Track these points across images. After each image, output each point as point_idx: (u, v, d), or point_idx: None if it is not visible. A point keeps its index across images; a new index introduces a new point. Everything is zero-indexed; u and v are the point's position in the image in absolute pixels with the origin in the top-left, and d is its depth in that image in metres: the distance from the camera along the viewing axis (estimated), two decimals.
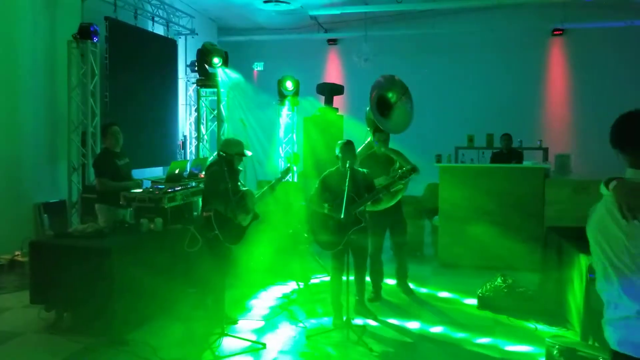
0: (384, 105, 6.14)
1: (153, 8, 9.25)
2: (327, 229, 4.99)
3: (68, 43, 7.37)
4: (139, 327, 4.90)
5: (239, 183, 4.99)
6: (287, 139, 9.83)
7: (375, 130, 5.89)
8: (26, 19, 7.13)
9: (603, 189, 2.04)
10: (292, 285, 6.44)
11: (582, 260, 4.49)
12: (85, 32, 7.29)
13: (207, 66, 6.81)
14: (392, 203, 5.71)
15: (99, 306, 4.65)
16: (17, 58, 7.00)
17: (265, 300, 5.95)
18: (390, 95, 6.20)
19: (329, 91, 9.99)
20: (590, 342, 4.34)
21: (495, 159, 8.91)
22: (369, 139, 6.09)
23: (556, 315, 5.19)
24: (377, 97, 6.01)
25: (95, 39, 7.44)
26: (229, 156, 4.87)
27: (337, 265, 5.09)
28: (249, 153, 5.06)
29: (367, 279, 5.61)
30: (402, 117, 6.13)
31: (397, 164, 5.63)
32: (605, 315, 2.06)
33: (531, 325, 5.12)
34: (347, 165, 4.91)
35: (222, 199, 4.73)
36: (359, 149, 6.08)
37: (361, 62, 11.49)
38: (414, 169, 5.26)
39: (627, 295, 1.91)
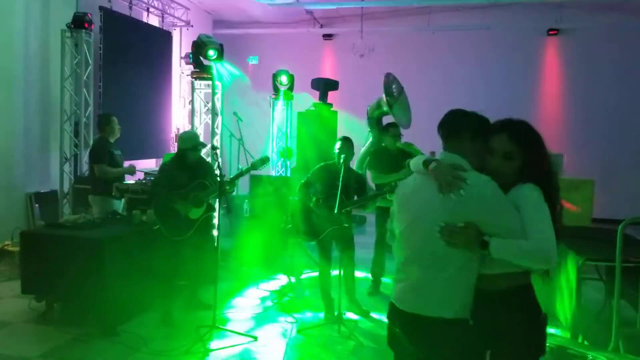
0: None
1: None
2: (309, 220, 5.02)
3: (62, 32, 7.30)
4: (130, 319, 4.88)
5: (201, 179, 4.94)
6: (281, 134, 9.82)
7: (390, 126, 5.91)
8: (19, 8, 7.05)
9: (416, 167, 2.37)
10: (283, 280, 6.44)
11: (572, 259, 4.51)
12: (79, 22, 7.22)
13: (202, 58, 6.77)
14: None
15: (89, 297, 4.64)
16: (10, 47, 6.92)
17: (256, 293, 5.94)
18: (388, 99, 6.26)
19: (324, 86, 9.99)
20: (580, 341, 4.37)
21: None
22: (371, 138, 6.11)
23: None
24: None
25: (89, 29, 7.37)
26: (181, 151, 4.98)
27: (323, 258, 5.11)
28: (204, 146, 5.17)
29: (364, 274, 5.61)
30: (405, 112, 6.16)
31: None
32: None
33: None
34: (342, 160, 4.90)
35: (163, 192, 4.83)
36: (363, 149, 6.09)
37: (356, 57, 11.48)
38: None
39: None
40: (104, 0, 7.93)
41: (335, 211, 4.57)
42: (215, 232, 6.60)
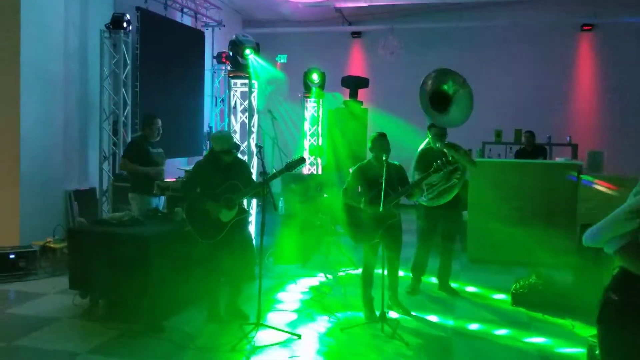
0: (441, 99, 5.93)
1: None
2: (360, 222, 4.96)
3: (100, 33, 7.40)
4: (174, 315, 4.93)
5: (234, 180, 4.75)
6: (312, 132, 9.81)
7: (430, 125, 5.80)
8: (59, 9, 7.16)
9: None
10: (320, 278, 6.43)
11: None
12: (117, 22, 7.32)
13: (238, 57, 6.79)
14: (449, 199, 5.61)
15: (135, 293, 4.68)
16: (50, 48, 7.02)
17: (294, 292, 5.94)
18: (445, 87, 5.97)
19: (354, 84, 9.96)
20: None
21: (519, 155, 8.86)
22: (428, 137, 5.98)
23: (593, 315, 5.10)
24: (431, 91, 5.86)
25: (127, 29, 7.45)
26: (215, 153, 4.81)
27: (369, 258, 5.07)
28: (239, 149, 4.99)
29: (401, 273, 5.55)
30: (461, 110, 5.92)
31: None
32: None
33: (568, 323, 5.06)
34: (384, 158, 4.88)
35: (194, 193, 4.75)
36: (420, 147, 5.94)
37: (387, 55, 11.43)
38: (448, 163, 5.16)
39: None
40: (140, 1, 8.01)
41: (381, 208, 4.55)
42: (252, 231, 6.66)
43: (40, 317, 4.94)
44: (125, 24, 7.37)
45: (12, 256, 6.12)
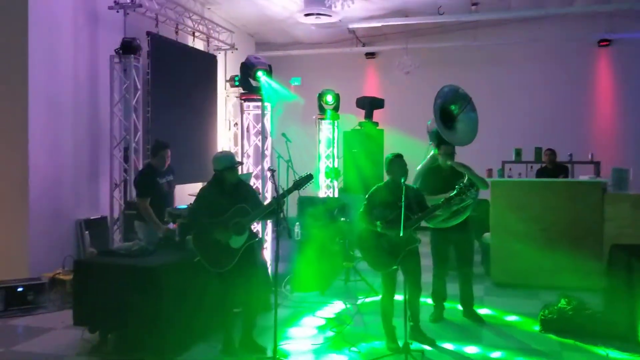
0: (447, 117, 5.80)
1: (194, 23, 9.21)
2: (379, 248, 4.73)
3: (110, 58, 7.31)
4: (187, 349, 4.71)
5: (241, 204, 4.60)
6: (327, 154, 9.65)
7: (440, 142, 5.59)
8: (68, 34, 7.11)
9: None
10: (340, 306, 6.17)
11: None
12: (127, 47, 7.22)
13: (250, 80, 6.66)
14: (459, 220, 5.39)
15: (145, 327, 4.49)
16: (59, 73, 6.95)
17: (313, 321, 5.68)
18: (453, 107, 5.86)
19: (369, 105, 9.82)
20: None
21: (541, 174, 8.61)
22: (431, 153, 5.80)
23: (627, 340, 4.81)
24: (440, 108, 5.69)
25: (137, 54, 7.36)
26: (218, 173, 4.68)
27: (388, 286, 4.84)
28: (240, 167, 4.89)
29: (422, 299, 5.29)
30: (468, 128, 5.78)
31: (466, 178, 5.30)
32: None
33: (601, 351, 4.75)
34: (403, 180, 4.68)
35: (201, 220, 4.57)
36: (421, 164, 5.78)
37: (401, 74, 11.29)
38: (471, 185, 4.96)
39: None
40: (150, 26, 7.95)
41: (401, 233, 4.32)
42: (267, 258, 6.44)
43: (47, 354, 4.74)
44: (135, 49, 7.28)
45: (20, 289, 5.95)
